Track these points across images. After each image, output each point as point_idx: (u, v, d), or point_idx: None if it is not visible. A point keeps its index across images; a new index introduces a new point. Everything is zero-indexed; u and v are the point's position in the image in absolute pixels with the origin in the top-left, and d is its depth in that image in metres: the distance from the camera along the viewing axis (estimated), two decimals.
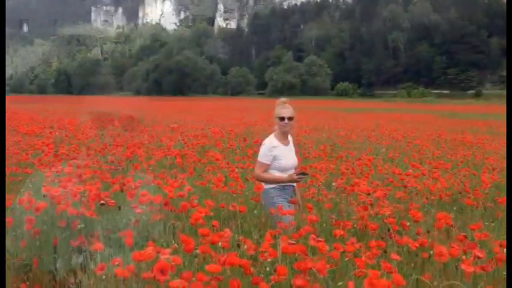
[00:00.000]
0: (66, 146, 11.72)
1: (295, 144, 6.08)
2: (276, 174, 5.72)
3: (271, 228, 5.09)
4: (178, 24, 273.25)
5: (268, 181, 5.72)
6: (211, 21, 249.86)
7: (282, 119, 5.70)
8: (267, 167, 5.73)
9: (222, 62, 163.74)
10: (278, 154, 5.71)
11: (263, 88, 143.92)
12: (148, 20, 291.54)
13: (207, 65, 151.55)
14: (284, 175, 5.70)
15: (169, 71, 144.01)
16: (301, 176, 5.72)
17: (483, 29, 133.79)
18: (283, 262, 3.90)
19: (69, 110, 38.57)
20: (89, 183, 6.10)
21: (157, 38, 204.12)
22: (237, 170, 8.66)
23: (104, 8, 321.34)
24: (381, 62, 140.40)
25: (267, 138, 5.81)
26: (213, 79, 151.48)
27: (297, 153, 6.05)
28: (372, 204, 5.88)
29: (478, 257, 3.92)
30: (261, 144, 5.88)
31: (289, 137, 5.93)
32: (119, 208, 5.47)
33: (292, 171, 5.77)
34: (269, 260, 3.79)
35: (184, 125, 22.72)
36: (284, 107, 5.74)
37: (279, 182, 5.69)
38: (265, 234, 4.33)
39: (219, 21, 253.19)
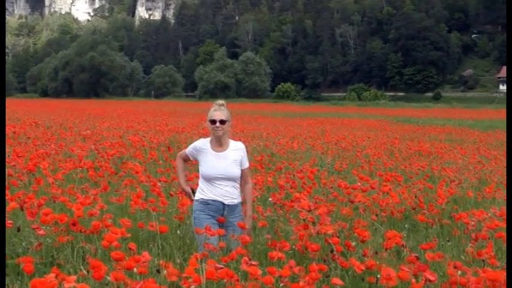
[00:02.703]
0: None
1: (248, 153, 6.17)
2: (202, 183, 5.90)
3: (196, 250, 5.12)
4: (92, 14, 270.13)
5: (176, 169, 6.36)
6: (132, 11, 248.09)
7: (213, 122, 5.80)
8: (187, 159, 6.17)
9: (144, 59, 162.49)
10: (200, 159, 5.92)
11: (192, 89, 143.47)
12: (56, 9, 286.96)
13: (127, 63, 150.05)
14: (212, 188, 5.82)
15: (81, 69, 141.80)
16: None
17: (442, 23, 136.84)
18: None
19: None
20: None
21: (67, 30, 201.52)
22: (159, 184, 8.62)
23: None
24: (327, 59, 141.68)
25: (203, 139, 6.04)
26: (134, 79, 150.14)
27: None
28: (313, 222, 5.95)
29: (430, 281, 4.03)
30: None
31: (234, 144, 6.03)
32: (18, 229, 5.39)
33: (220, 182, 5.84)
34: (193, 287, 3.80)
35: (99, 132, 22.46)
36: (218, 109, 5.85)
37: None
38: (189, 258, 4.34)
39: (141, 12, 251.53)
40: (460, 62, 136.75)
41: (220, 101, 5.97)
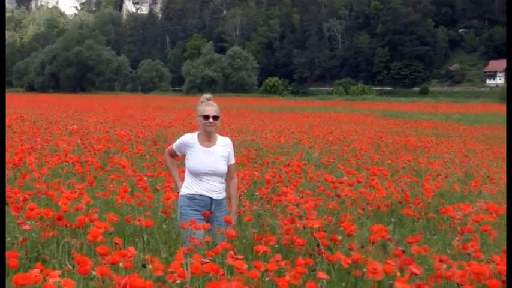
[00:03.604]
0: None
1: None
2: (188, 177, 5.83)
3: (182, 245, 5.11)
4: (79, 8, 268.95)
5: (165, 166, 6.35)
6: (119, 5, 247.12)
7: (206, 117, 5.77)
8: (175, 155, 6.06)
9: (131, 54, 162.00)
10: (188, 154, 5.86)
11: (179, 84, 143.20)
12: (43, 3, 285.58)
13: (114, 57, 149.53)
14: (200, 182, 5.78)
15: (68, 64, 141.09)
16: None
17: (429, 18, 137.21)
18: (195, 284, 3.92)
19: None
20: None
21: (54, 25, 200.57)
22: (145, 178, 8.60)
23: None
24: (314, 54, 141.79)
25: (190, 134, 5.94)
26: (121, 73, 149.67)
27: None
28: (300, 217, 5.95)
29: (415, 274, 4.03)
30: None
31: (221, 140, 6.00)
32: None
33: (208, 177, 5.81)
34: (178, 281, 3.79)
35: (86, 126, 22.39)
36: (209, 104, 5.82)
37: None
38: (175, 252, 4.33)
39: (128, 6, 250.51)
40: (447, 57, 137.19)
41: (208, 95, 5.93)
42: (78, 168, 9.65)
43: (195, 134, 5.89)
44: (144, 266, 4.22)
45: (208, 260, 4.05)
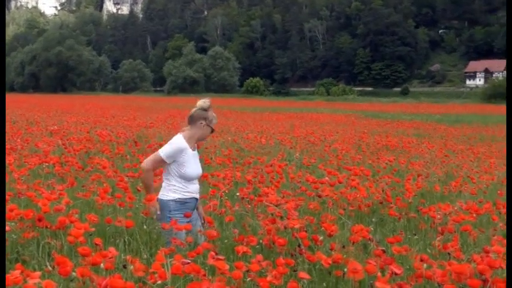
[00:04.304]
0: None
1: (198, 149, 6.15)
2: (178, 182, 5.74)
3: (163, 245, 5.10)
4: (59, 8, 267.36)
5: (142, 181, 5.95)
6: (99, 5, 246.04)
7: (212, 131, 5.90)
8: (162, 166, 5.84)
9: (112, 54, 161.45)
10: (185, 160, 5.74)
11: (161, 84, 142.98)
12: (23, 3, 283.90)
13: (95, 57, 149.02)
14: (189, 185, 5.77)
15: (48, 64, 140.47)
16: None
17: (410, 19, 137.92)
18: (176, 284, 3.91)
19: None
20: None
21: (34, 25, 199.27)
22: (126, 179, 8.57)
23: None
24: (296, 54, 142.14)
25: (177, 138, 5.79)
26: (102, 73, 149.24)
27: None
28: (281, 217, 5.96)
29: (396, 274, 4.05)
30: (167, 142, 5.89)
31: None
32: None
33: (196, 181, 5.87)
34: (159, 282, 3.78)
35: (67, 127, 22.27)
36: (214, 115, 5.87)
37: (146, 192, 5.84)
38: (156, 253, 4.32)
39: (109, 6, 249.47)
40: (428, 57, 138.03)
41: (209, 101, 5.92)
42: (58, 169, 9.60)
43: (180, 136, 5.80)
44: (124, 266, 4.22)
45: (189, 261, 4.05)
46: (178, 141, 5.74)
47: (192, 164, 5.77)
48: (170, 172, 5.76)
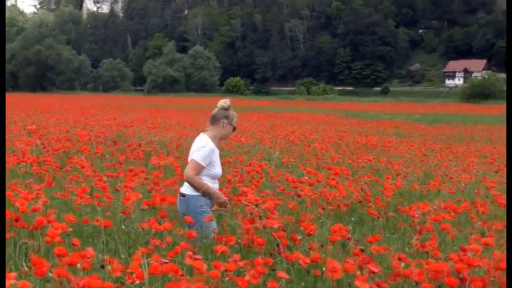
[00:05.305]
0: None
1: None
2: (206, 180, 5.96)
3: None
4: (38, 6, 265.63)
5: (198, 187, 5.93)
6: (79, 4, 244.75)
7: (234, 129, 6.14)
8: (201, 171, 5.96)
9: (92, 53, 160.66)
10: (213, 160, 5.98)
11: (141, 83, 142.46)
12: None
13: (74, 56, 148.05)
14: (213, 185, 6.02)
15: (27, 63, 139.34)
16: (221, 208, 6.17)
17: (390, 19, 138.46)
18: (154, 284, 3.90)
19: None
20: None
21: (13, 23, 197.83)
22: (105, 178, 8.53)
23: None
24: (277, 54, 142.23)
25: (204, 140, 6.00)
26: (82, 73, 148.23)
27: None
28: (260, 216, 5.97)
29: (374, 273, 4.06)
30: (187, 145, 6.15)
31: None
32: None
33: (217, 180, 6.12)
34: (137, 282, 3.76)
35: (45, 126, 22.11)
36: (235, 113, 6.12)
37: (209, 195, 5.97)
38: (134, 253, 4.30)
39: (88, 5, 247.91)
40: (408, 57, 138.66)
41: (229, 100, 6.17)
42: (36, 169, 9.53)
43: (206, 137, 6.02)
44: (102, 266, 4.19)
45: (167, 260, 4.04)
46: (209, 143, 5.96)
47: (219, 163, 6.08)
48: (205, 173, 6.01)
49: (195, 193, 5.91)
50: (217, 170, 6.02)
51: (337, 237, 5.22)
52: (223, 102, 6.06)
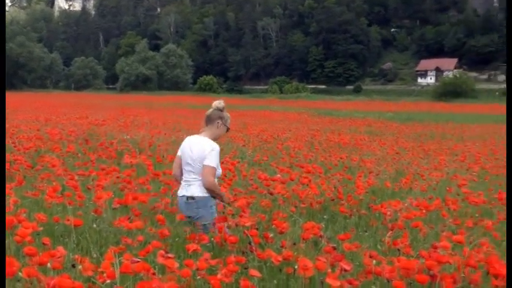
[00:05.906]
0: None
1: None
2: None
3: (111, 243, 5.08)
4: (9, 4, 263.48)
5: (217, 192, 6.01)
6: (51, 1, 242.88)
7: (228, 129, 6.20)
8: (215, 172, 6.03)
9: (64, 51, 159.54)
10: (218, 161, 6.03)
11: (113, 82, 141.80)
12: None
13: (46, 54, 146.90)
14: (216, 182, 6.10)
15: None
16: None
17: (362, 17, 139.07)
18: (126, 283, 3.88)
19: None
20: None
21: None
22: (76, 177, 8.48)
23: None
24: (249, 52, 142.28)
25: (208, 143, 5.98)
26: (53, 71, 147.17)
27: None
28: (232, 215, 5.97)
29: (345, 270, 4.08)
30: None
31: None
32: None
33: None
34: (108, 281, 3.74)
35: (16, 125, 21.92)
36: (228, 115, 6.21)
37: (219, 196, 6.05)
38: (106, 252, 4.28)
39: (60, 2, 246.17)
40: (380, 56, 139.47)
41: (223, 102, 6.23)
42: (6, 168, 9.43)
43: (210, 140, 6.02)
44: (73, 266, 4.16)
45: (139, 259, 4.02)
46: (214, 145, 5.95)
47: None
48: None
49: (206, 194, 5.90)
50: (220, 169, 6.07)
51: (310, 235, 5.22)
52: (218, 103, 6.13)
